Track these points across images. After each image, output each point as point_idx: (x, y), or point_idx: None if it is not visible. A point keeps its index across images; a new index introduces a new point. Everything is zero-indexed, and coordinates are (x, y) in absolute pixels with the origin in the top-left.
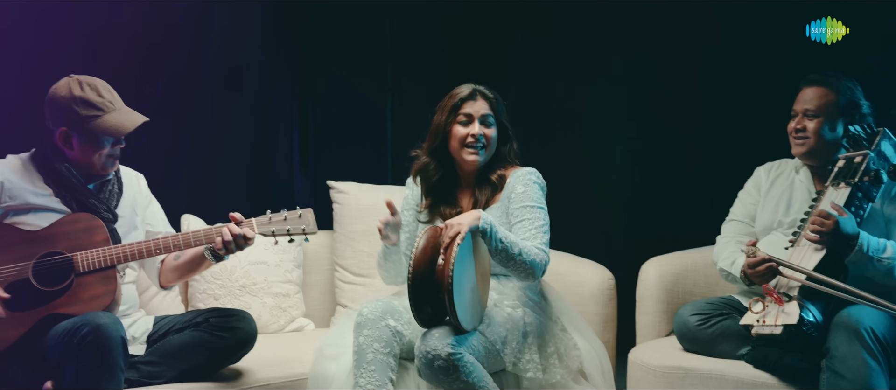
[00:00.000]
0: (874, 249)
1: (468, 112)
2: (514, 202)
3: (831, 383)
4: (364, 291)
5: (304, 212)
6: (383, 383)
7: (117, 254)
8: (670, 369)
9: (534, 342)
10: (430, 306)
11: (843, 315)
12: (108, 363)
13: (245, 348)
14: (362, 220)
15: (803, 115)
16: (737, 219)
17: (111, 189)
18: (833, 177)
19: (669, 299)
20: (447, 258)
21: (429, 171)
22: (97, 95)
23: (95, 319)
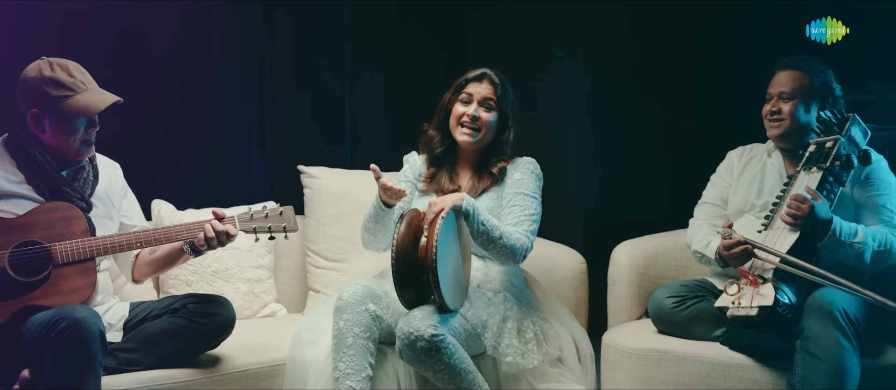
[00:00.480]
0: (846, 234)
1: (470, 92)
2: (509, 187)
3: (806, 363)
4: (336, 276)
5: (285, 209)
6: (363, 367)
7: (97, 245)
8: (646, 351)
9: (514, 327)
10: (414, 287)
11: (816, 296)
12: (87, 357)
13: (224, 334)
14: (334, 205)
15: (778, 98)
16: (709, 201)
17: (86, 176)
18: (805, 162)
19: (641, 282)
20: (430, 233)
21: (433, 144)
22: (68, 75)
23: (73, 313)
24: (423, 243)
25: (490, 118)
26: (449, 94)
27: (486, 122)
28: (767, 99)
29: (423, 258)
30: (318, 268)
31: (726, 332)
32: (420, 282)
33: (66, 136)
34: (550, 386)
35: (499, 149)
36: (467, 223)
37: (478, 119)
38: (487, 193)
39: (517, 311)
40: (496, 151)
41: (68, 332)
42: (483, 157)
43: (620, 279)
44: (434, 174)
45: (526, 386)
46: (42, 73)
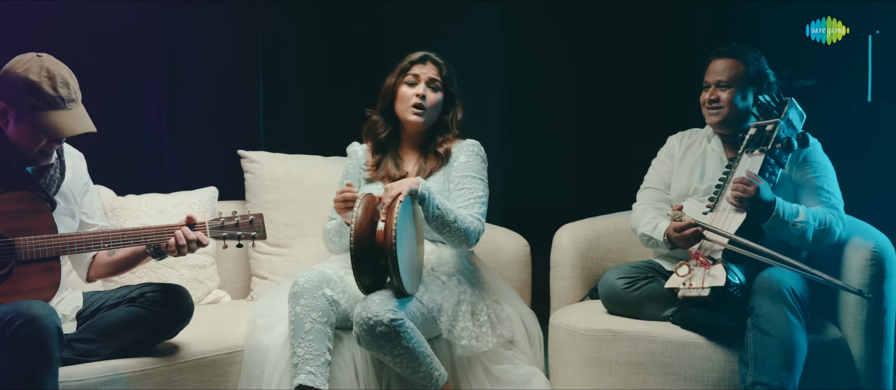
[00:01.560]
0: (789, 214)
1: (416, 73)
2: (455, 171)
3: (757, 340)
4: (281, 261)
5: (255, 216)
6: (322, 352)
7: (63, 243)
8: (599, 332)
9: (468, 310)
10: (371, 272)
11: (764, 276)
12: (45, 356)
13: (183, 323)
14: (277, 190)
15: (716, 86)
16: (652, 186)
17: (52, 174)
18: (746, 145)
19: (584, 265)
20: (389, 219)
21: (377, 129)
22: (51, 88)
23: (29, 310)
24: (381, 228)
25: (437, 98)
26: (393, 78)
27: (434, 102)
28: (704, 87)
29: (381, 243)
30: (262, 253)
31: (678, 312)
32: (378, 266)
33: (27, 141)
34: (504, 367)
35: (443, 129)
36: (423, 207)
37: (425, 98)
38: (434, 175)
39: (471, 294)
40: (440, 131)
41: (24, 331)
42: (427, 138)
43: (564, 261)
44: (379, 161)
45: (480, 368)
46: (27, 75)
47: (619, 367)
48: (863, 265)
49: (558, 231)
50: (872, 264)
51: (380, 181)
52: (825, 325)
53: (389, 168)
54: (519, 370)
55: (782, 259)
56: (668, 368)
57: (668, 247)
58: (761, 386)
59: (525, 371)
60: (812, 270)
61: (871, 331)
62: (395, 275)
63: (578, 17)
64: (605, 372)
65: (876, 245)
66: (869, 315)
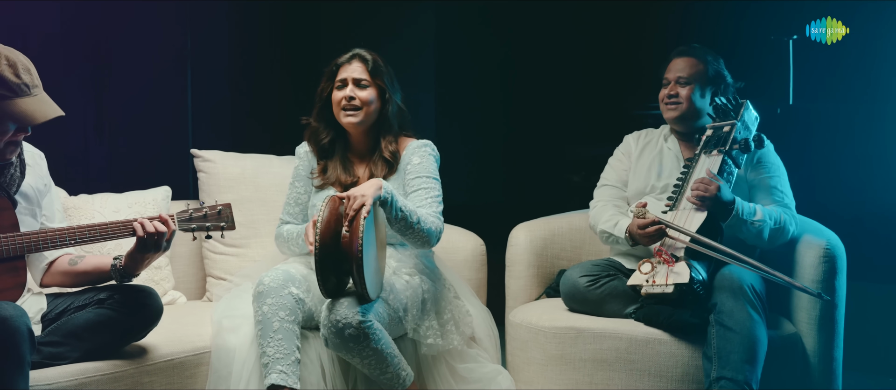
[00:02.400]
0: (747, 213)
1: (343, 77)
2: (410, 173)
3: (720, 335)
4: (237, 262)
5: (223, 207)
6: (292, 351)
7: (28, 242)
8: (562, 329)
9: (432, 309)
10: (335, 276)
11: (725, 274)
12: (17, 358)
13: (152, 324)
14: (231, 189)
15: (676, 82)
16: (609, 184)
17: (12, 172)
18: (704, 145)
19: (540, 263)
20: (355, 228)
21: (319, 135)
22: (14, 75)
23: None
24: (346, 234)
25: (367, 96)
26: (323, 83)
27: (365, 100)
28: (664, 83)
29: (346, 249)
30: (217, 253)
31: (641, 309)
32: (342, 270)
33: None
34: (469, 366)
35: (386, 128)
36: (385, 210)
37: (354, 98)
38: (391, 180)
39: (434, 293)
40: (384, 130)
41: None
42: (373, 140)
43: (519, 260)
44: (325, 167)
45: (445, 367)
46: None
47: (583, 364)
48: (816, 262)
49: (514, 230)
50: (825, 261)
51: (331, 186)
52: (780, 321)
53: (339, 174)
54: (483, 368)
55: (743, 259)
56: (633, 364)
57: (629, 244)
58: (726, 380)
59: (489, 369)
60: (772, 271)
61: (824, 327)
62: (360, 283)
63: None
64: (568, 369)
65: (828, 243)
66: (822, 310)
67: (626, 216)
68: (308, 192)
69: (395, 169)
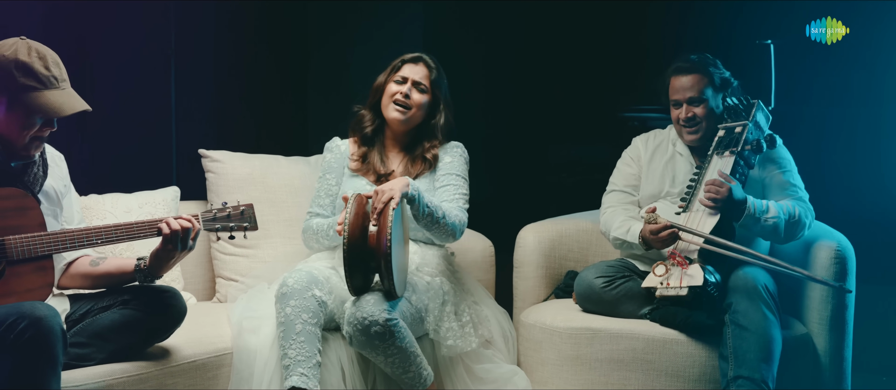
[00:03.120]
0: (760, 211)
1: (405, 74)
2: (440, 170)
3: (736, 335)
4: (248, 262)
5: (245, 207)
6: (313, 354)
7: (55, 241)
8: (578, 330)
9: (451, 310)
10: (362, 273)
11: (739, 274)
12: (51, 358)
13: (176, 325)
14: (241, 190)
15: (688, 104)
16: (619, 188)
17: (35, 171)
18: (715, 147)
19: (548, 264)
20: (383, 224)
21: (363, 123)
22: (43, 67)
23: (33, 311)
24: (373, 231)
25: (422, 100)
26: (384, 76)
27: (418, 103)
28: (674, 105)
29: (374, 246)
30: (227, 254)
31: (656, 310)
32: (368, 268)
33: (19, 128)
34: (485, 366)
35: (430, 134)
36: (412, 207)
37: (409, 97)
38: (421, 177)
39: (453, 295)
40: (427, 135)
41: (29, 333)
42: (412, 140)
43: (528, 261)
44: (365, 154)
45: (462, 368)
46: (16, 56)
47: (599, 364)
48: (828, 262)
49: (522, 231)
50: (837, 262)
51: (364, 175)
52: (791, 322)
53: (375, 163)
54: (499, 369)
55: (759, 256)
56: (650, 365)
57: (643, 249)
58: (743, 379)
59: (506, 370)
60: (790, 267)
61: (835, 327)
62: (387, 279)
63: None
64: (584, 369)
65: (838, 243)
66: (833, 311)
67: (637, 220)
68: (339, 184)
69: (431, 169)
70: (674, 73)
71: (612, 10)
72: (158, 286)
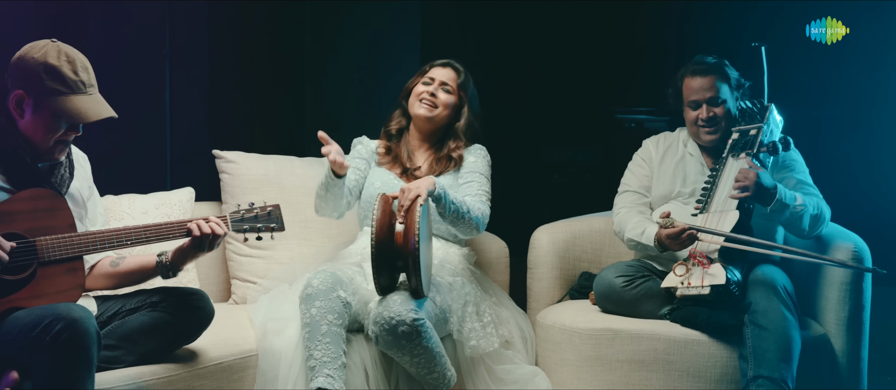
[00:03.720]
0: (789, 198)
1: (433, 75)
2: (464, 168)
3: (755, 335)
4: (264, 264)
5: (272, 207)
6: (339, 355)
7: (86, 242)
8: (599, 331)
9: (473, 311)
10: (389, 272)
11: (758, 273)
12: (87, 360)
13: (205, 327)
14: (256, 191)
15: (708, 104)
16: (631, 190)
17: (62, 173)
18: (730, 149)
19: (562, 265)
20: (410, 222)
21: (391, 121)
22: (72, 71)
23: (69, 313)
24: (400, 230)
25: (448, 100)
26: (414, 79)
27: (444, 102)
28: (692, 105)
29: (401, 245)
30: (242, 256)
31: (676, 310)
32: (395, 267)
33: (44, 131)
34: (506, 367)
35: (456, 134)
36: (438, 206)
37: (435, 96)
38: (446, 175)
39: (475, 295)
40: (451, 136)
41: (66, 334)
42: (437, 140)
43: (542, 262)
44: (389, 148)
45: (483, 368)
46: (46, 59)
47: (620, 365)
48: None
49: (536, 232)
50: (855, 261)
51: (390, 168)
52: (808, 322)
53: (402, 157)
54: (520, 370)
55: (787, 249)
56: (671, 365)
57: (658, 251)
58: (763, 379)
59: (526, 370)
60: (821, 256)
61: (852, 327)
62: (415, 277)
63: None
64: (604, 370)
65: (855, 244)
66: (851, 311)
67: (652, 222)
68: (359, 171)
69: (456, 168)
70: (689, 74)
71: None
72: (186, 288)
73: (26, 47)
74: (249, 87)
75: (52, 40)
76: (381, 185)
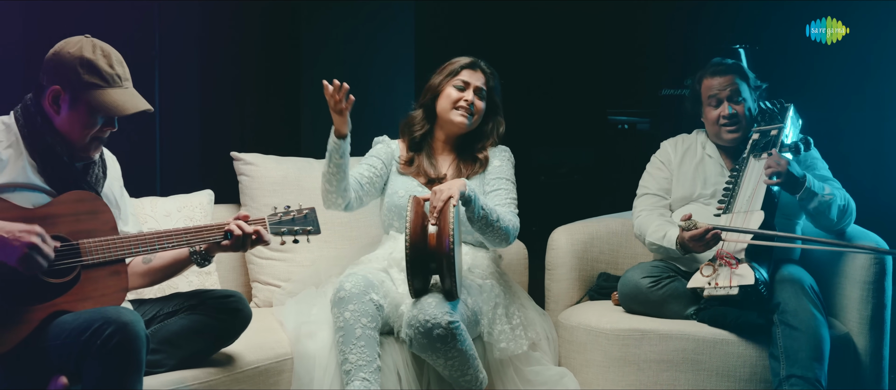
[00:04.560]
0: (818, 187)
1: (466, 79)
2: (490, 173)
3: (786, 335)
4: (284, 266)
5: (308, 210)
6: (374, 359)
7: (127, 244)
8: (627, 331)
9: (503, 313)
10: (422, 275)
11: (784, 273)
12: (137, 364)
13: (243, 329)
14: (276, 193)
15: (729, 101)
16: (650, 192)
17: (97, 172)
18: (751, 149)
19: (581, 266)
20: (444, 223)
21: (414, 126)
22: (108, 65)
23: (119, 316)
24: (433, 232)
25: (482, 106)
26: (440, 78)
27: (480, 110)
28: (713, 104)
29: (434, 246)
30: (263, 258)
31: (704, 310)
32: (428, 269)
33: (80, 127)
34: (534, 368)
35: (483, 137)
36: (467, 209)
37: (473, 105)
38: (473, 178)
39: (503, 297)
40: (479, 138)
41: (117, 338)
42: (462, 143)
43: (561, 263)
44: (411, 158)
45: (512, 370)
46: (82, 53)
47: (648, 365)
48: (867, 263)
49: (553, 233)
50: (877, 261)
51: (411, 176)
52: (831, 321)
53: (425, 167)
54: (548, 371)
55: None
56: (700, 365)
57: (681, 253)
58: (796, 378)
59: (554, 372)
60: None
61: (875, 327)
62: (449, 278)
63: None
64: (632, 370)
65: (876, 244)
66: (873, 310)
67: (673, 225)
68: (383, 176)
69: (482, 171)
70: (708, 75)
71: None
72: (223, 290)
73: (61, 43)
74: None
75: (86, 36)
76: (405, 193)
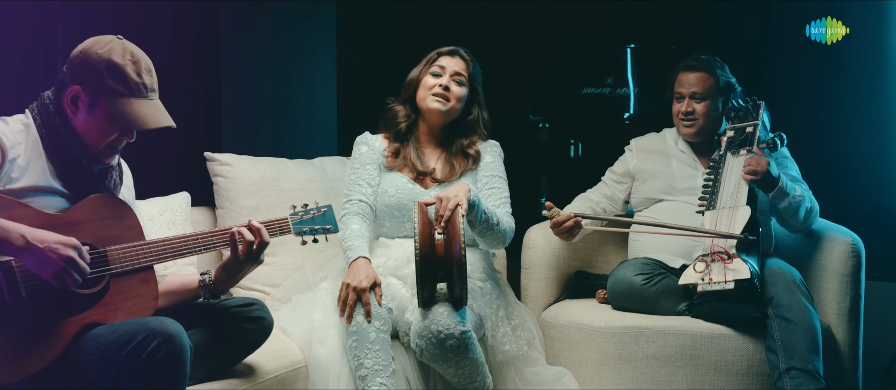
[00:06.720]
0: (790, 188)
1: (442, 65)
2: (482, 170)
3: (783, 328)
4: (266, 270)
5: (325, 208)
6: (389, 363)
7: (155, 251)
8: (623, 329)
9: (504, 315)
10: (431, 284)
11: (773, 267)
12: (183, 378)
13: (266, 337)
14: (255, 194)
15: (690, 98)
16: (593, 194)
17: (114, 177)
18: (728, 146)
19: (558, 265)
20: (454, 232)
21: (397, 118)
22: (135, 73)
23: (164, 328)
24: (440, 239)
25: (461, 92)
26: (419, 68)
27: (457, 95)
28: (677, 98)
29: (444, 255)
30: None
31: (698, 306)
32: (437, 278)
33: (97, 133)
34: (534, 369)
35: (468, 129)
36: (470, 213)
37: (449, 89)
38: (465, 176)
39: (503, 299)
40: (466, 131)
41: (164, 351)
42: (447, 135)
43: (538, 262)
44: (397, 150)
45: (513, 371)
46: (110, 56)
47: (645, 362)
48: (845, 256)
49: (529, 231)
50: (853, 255)
51: (400, 171)
52: None
53: (412, 159)
54: (548, 371)
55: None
56: (698, 360)
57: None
58: (796, 370)
59: (553, 371)
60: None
61: (853, 318)
62: (460, 286)
63: None
64: (628, 367)
65: (853, 239)
66: (851, 302)
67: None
68: (377, 179)
69: (474, 167)
70: (682, 70)
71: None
72: (243, 299)
73: (90, 41)
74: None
75: (118, 37)
76: (395, 192)
